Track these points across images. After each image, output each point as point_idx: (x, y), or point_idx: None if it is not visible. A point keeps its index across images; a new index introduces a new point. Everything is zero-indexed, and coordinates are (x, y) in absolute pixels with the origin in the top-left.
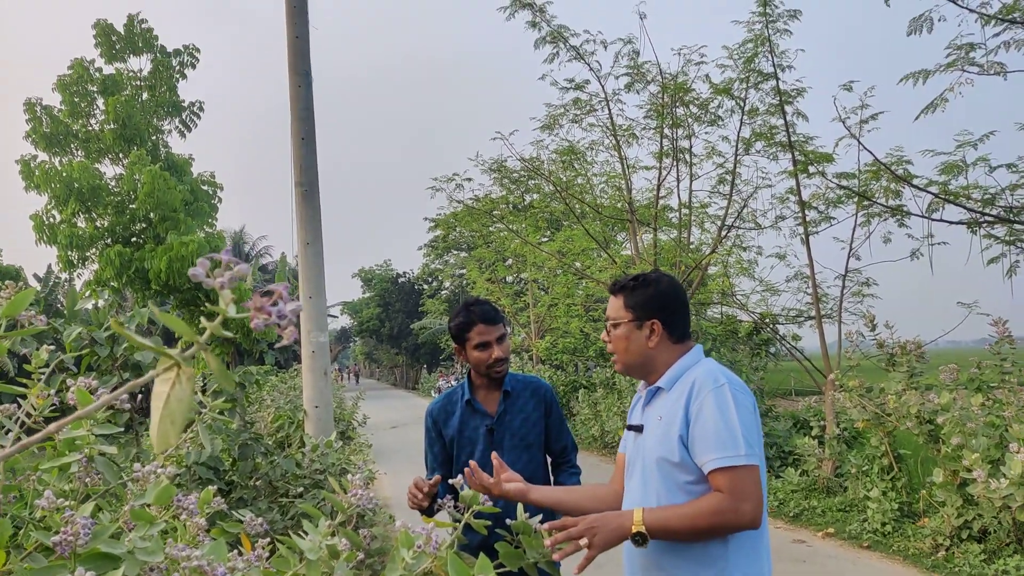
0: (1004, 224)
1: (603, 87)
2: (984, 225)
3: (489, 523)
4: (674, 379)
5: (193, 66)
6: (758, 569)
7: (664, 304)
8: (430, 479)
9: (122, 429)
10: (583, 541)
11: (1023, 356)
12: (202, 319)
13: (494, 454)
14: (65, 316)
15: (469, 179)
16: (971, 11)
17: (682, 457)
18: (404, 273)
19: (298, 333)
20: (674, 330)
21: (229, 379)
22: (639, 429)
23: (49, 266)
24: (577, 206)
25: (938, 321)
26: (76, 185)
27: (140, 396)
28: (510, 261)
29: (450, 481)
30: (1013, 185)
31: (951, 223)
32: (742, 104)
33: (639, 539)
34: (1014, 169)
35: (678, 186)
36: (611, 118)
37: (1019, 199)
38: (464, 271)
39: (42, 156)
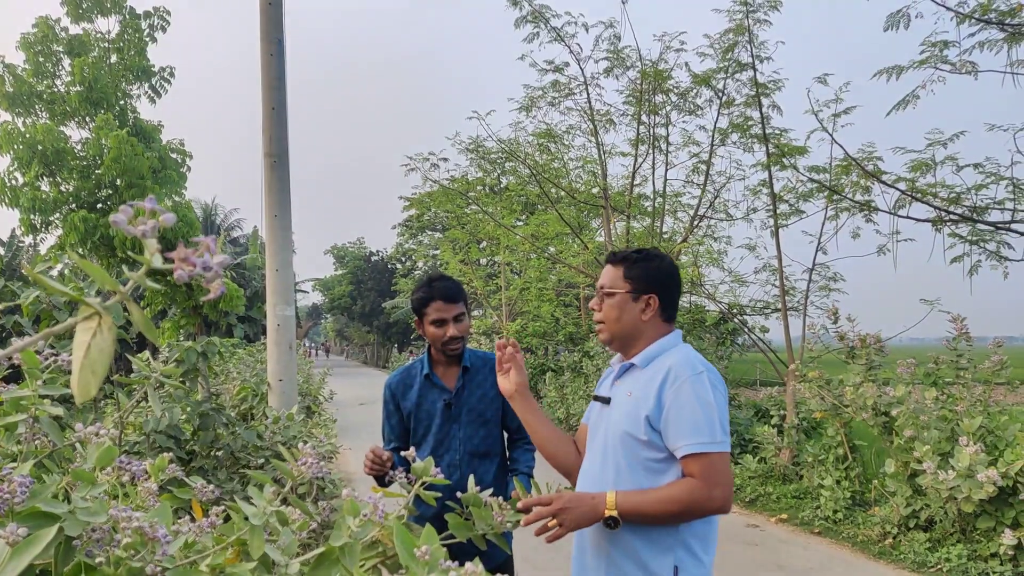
0: (968, 223)
1: (583, 70)
2: (948, 224)
3: (439, 495)
4: (649, 358)
5: (164, 29)
6: (704, 547)
7: (663, 281)
8: (387, 450)
9: (68, 390)
10: (553, 521)
11: (979, 354)
12: (124, 268)
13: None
14: (27, 281)
15: (445, 159)
16: (948, 9)
17: (649, 437)
18: (377, 252)
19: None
20: (666, 309)
21: (152, 331)
22: (606, 401)
23: (13, 230)
24: (552, 190)
25: (901, 317)
26: (40, 147)
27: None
28: (484, 243)
29: (403, 454)
30: (978, 185)
31: (917, 220)
32: (720, 94)
33: (611, 523)
34: (980, 169)
35: (653, 174)
36: (589, 102)
37: (983, 199)
38: (438, 252)
39: (4, 116)
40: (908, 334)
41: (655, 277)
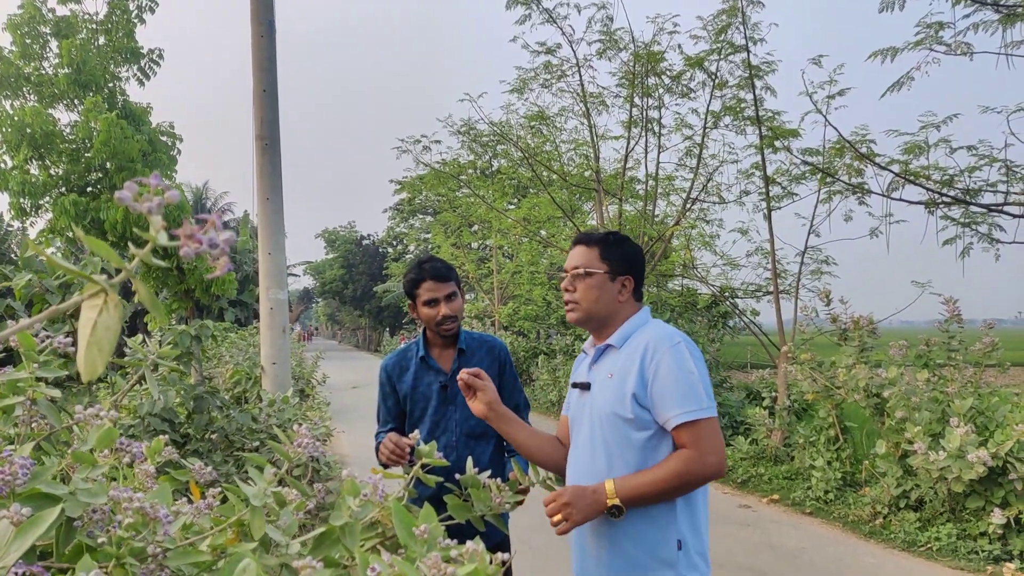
0: (960, 205)
1: (575, 52)
2: (941, 206)
3: (440, 479)
4: (625, 337)
5: (152, 11)
6: (702, 520)
7: (635, 264)
8: (384, 432)
9: (67, 375)
10: (557, 517)
11: (970, 336)
12: (130, 246)
13: (468, 372)
14: (18, 265)
15: (438, 141)
16: None
17: (636, 413)
18: (369, 235)
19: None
20: (637, 289)
21: (159, 308)
22: (586, 387)
23: (1, 214)
24: (544, 173)
25: (893, 300)
26: (29, 130)
27: None
28: (476, 227)
29: (408, 438)
30: (971, 167)
31: (910, 203)
32: (714, 77)
33: (615, 511)
34: (974, 152)
35: (646, 157)
36: (582, 84)
37: (976, 181)
38: (429, 235)
39: None
40: (899, 317)
41: (630, 259)
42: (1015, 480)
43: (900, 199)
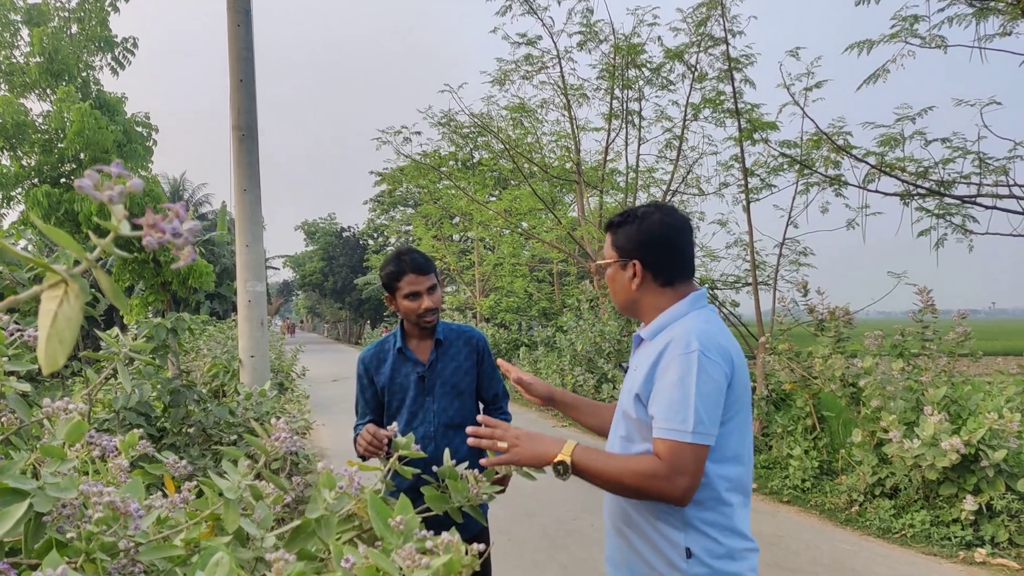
0: (935, 197)
1: (555, 44)
2: (916, 197)
3: (417, 470)
4: (657, 330)
5: None
6: (721, 531)
7: (645, 243)
8: (362, 423)
9: (38, 367)
10: (503, 445)
11: (944, 326)
12: (90, 235)
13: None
14: None
15: (418, 132)
16: None
17: (640, 415)
18: (349, 227)
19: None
20: (658, 271)
21: (122, 300)
22: (627, 370)
23: None
24: (525, 165)
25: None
26: (0, 120)
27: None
28: (457, 219)
29: (385, 430)
30: (945, 159)
31: (886, 194)
32: (693, 70)
33: (560, 468)
34: (948, 144)
35: (626, 149)
36: (563, 76)
37: (950, 173)
38: (410, 227)
39: None
40: (875, 308)
41: (635, 240)
42: (987, 467)
43: (876, 191)
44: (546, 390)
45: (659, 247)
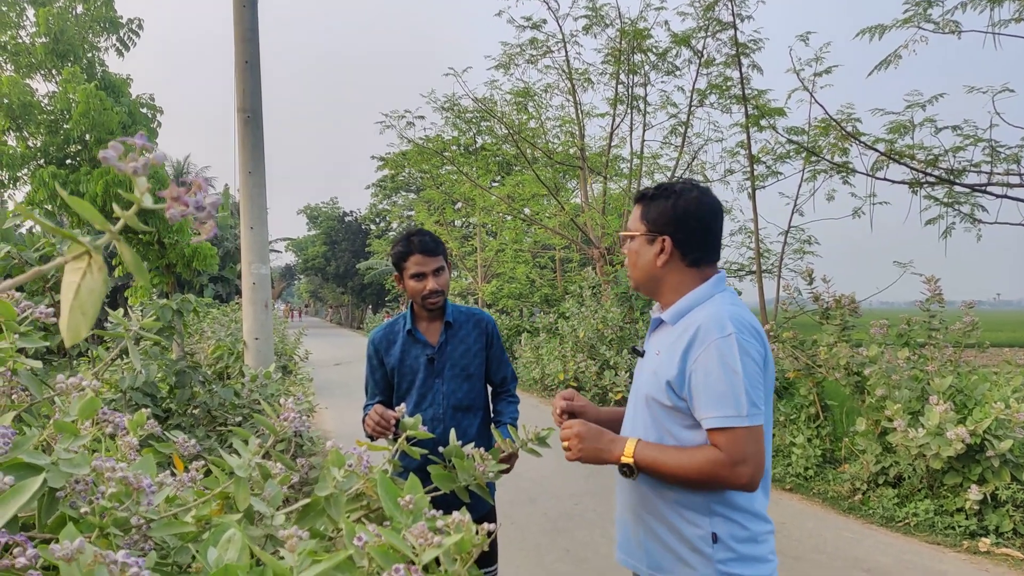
0: (944, 185)
1: (561, 28)
2: (925, 186)
3: (425, 452)
4: (680, 313)
5: None
6: (746, 516)
7: (680, 219)
8: (371, 404)
9: (47, 345)
10: (565, 444)
11: (951, 316)
12: (115, 207)
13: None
14: None
15: (421, 116)
16: None
17: (674, 403)
18: (351, 212)
19: (215, 230)
20: (688, 251)
21: (143, 273)
22: (641, 354)
23: None
24: (529, 150)
25: (875, 280)
26: (6, 100)
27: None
28: (459, 204)
29: (394, 411)
30: (956, 147)
31: (894, 182)
32: (700, 55)
33: (626, 470)
34: (959, 131)
35: (631, 135)
36: (567, 61)
37: (960, 161)
38: (412, 212)
39: None
40: (879, 298)
41: (669, 215)
42: (992, 457)
43: (884, 178)
44: (595, 415)
45: (693, 226)
